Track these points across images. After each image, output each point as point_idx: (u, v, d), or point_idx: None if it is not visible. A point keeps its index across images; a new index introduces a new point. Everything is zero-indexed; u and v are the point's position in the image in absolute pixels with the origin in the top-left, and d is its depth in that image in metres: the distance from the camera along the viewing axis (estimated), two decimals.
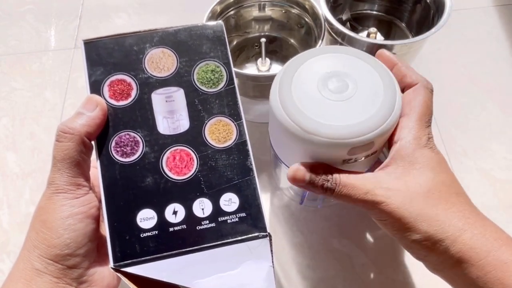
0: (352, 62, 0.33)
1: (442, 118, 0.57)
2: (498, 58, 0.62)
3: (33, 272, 0.25)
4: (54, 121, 0.58)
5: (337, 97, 0.31)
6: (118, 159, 0.27)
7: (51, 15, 0.69)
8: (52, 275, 0.26)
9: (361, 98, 0.30)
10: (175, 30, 0.30)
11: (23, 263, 0.26)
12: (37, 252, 0.26)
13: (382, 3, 0.54)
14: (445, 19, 0.43)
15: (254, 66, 0.56)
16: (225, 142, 0.28)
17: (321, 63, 0.33)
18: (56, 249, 0.26)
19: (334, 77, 0.32)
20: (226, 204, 0.27)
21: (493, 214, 0.51)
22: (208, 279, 0.25)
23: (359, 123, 0.29)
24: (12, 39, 0.67)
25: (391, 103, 0.30)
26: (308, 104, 0.30)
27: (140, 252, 0.25)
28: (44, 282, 0.25)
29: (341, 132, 0.29)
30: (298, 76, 0.32)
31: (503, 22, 0.65)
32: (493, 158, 0.53)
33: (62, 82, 0.61)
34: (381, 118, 0.30)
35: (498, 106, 0.57)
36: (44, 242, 0.26)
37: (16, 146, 0.56)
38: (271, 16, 0.55)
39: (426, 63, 0.61)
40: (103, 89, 0.28)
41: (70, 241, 0.26)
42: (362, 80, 0.31)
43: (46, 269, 0.26)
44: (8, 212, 0.51)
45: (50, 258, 0.26)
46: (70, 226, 0.26)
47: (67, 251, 0.26)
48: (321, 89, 0.31)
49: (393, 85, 0.31)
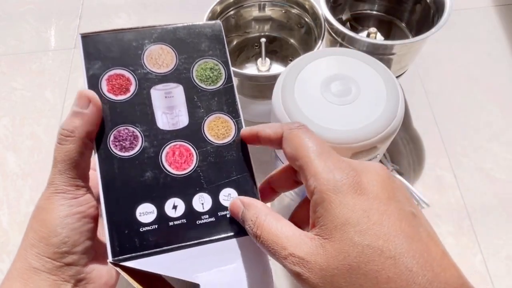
0: (355, 65, 0.33)
1: (442, 118, 0.57)
2: (498, 58, 0.62)
3: (31, 270, 0.26)
4: (54, 121, 0.58)
5: (340, 101, 0.30)
6: (117, 153, 0.27)
7: (51, 15, 0.69)
8: (49, 272, 0.26)
9: (364, 102, 0.30)
10: (174, 27, 0.30)
11: (20, 262, 0.26)
12: (34, 250, 0.26)
13: (382, 3, 0.54)
14: (445, 19, 0.43)
15: (254, 66, 0.56)
16: (224, 139, 0.29)
17: (324, 65, 0.33)
18: (54, 247, 0.26)
19: (337, 80, 0.31)
20: (225, 199, 0.27)
21: (493, 214, 0.51)
22: (208, 272, 0.25)
23: (362, 128, 0.29)
24: (12, 39, 0.67)
25: (394, 107, 0.30)
26: (311, 108, 0.30)
27: (140, 246, 0.25)
28: (42, 280, 0.26)
29: (344, 137, 0.29)
30: (301, 78, 0.32)
31: (503, 22, 0.65)
32: (493, 158, 0.53)
33: (62, 82, 0.61)
34: (385, 123, 0.29)
35: (498, 106, 0.57)
36: (42, 241, 0.26)
37: (16, 146, 0.56)
38: (271, 16, 0.55)
39: (426, 63, 0.61)
40: (101, 83, 0.28)
41: (68, 239, 0.26)
42: (365, 83, 0.31)
43: (44, 267, 0.26)
44: (8, 212, 0.51)
45: (48, 256, 0.26)
46: (68, 225, 0.26)
47: (64, 248, 0.26)
48: (324, 92, 0.31)
49: (396, 89, 0.31)
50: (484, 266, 0.46)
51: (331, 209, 0.21)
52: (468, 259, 0.47)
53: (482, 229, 0.48)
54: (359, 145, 0.29)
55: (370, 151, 0.30)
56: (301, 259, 0.21)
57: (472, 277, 0.47)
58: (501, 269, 0.46)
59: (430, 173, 0.52)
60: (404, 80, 0.58)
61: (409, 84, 0.59)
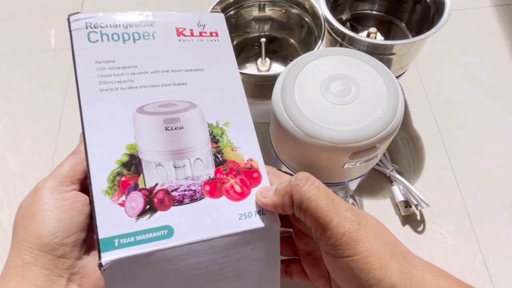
0: (355, 65, 0.32)
1: (442, 118, 0.57)
2: (498, 58, 0.62)
3: (24, 267, 0.26)
4: (54, 121, 0.58)
5: (339, 101, 0.30)
6: None
7: (51, 15, 0.69)
8: (42, 266, 0.26)
9: (364, 102, 0.30)
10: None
11: (13, 261, 0.26)
12: (26, 245, 0.26)
13: (382, 3, 0.54)
14: (445, 19, 0.43)
15: (254, 66, 0.56)
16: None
17: (324, 65, 0.33)
18: (44, 238, 0.26)
19: (337, 80, 0.31)
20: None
21: (493, 214, 0.51)
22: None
23: (361, 128, 0.29)
24: (12, 39, 0.66)
25: (394, 107, 0.30)
26: (311, 108, 0.30)
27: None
28: (36, 275, 0.26)
29: (344, 137, 0.29)
30: (300, 78, 0.32)
31: (503, 22, 0.65)
32: (493, 158, 0.53)
33: (62, 82, 0.61)
34: (384, 123, 0.29)
35: (498, 106, 0.57)
36: (33, 234, 0.26)
37: (16, 146, 0.56)
38: (271, 16, 0.55)
39: (426, 63, 0.61)
40: None
41: (57, 230, 0.26)
42: (365, 83, 0.31)
43: (37, 261, 0.26)
44: (8, 212, 0.51)
45: (39, 248, 0.26)
46: (56, 216, 0.27)
47: (55, 240, 0.26)
48: (324, 92, 0.31)
49: (396, 88, 0.31)
50: (484, 266, 0.46)
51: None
52: (468, 259, 0.47)
53: (482, 229, 0.48)
54: (359, 145, 0.29)
55: (370, 151, 0.30)
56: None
57: (472, 277, 0.47)
58: (501, 269, 0.46)
59: (430, 173, 0.52)
60: (404, 80, 0.58)
61: (409, 84, 0.59)
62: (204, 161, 0.27)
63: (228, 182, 0.26)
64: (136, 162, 0.26)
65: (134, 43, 0.29)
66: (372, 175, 0.52)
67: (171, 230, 0.24)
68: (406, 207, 0.49)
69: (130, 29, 0.29)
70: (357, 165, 0.32)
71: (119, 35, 0.29)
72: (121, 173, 0.25)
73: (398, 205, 0.49)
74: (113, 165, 0.25)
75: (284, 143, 0.33)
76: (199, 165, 0.27)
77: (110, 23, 0.29)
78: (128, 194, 0.25)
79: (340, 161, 0.31)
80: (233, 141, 0.28)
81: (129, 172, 0.25)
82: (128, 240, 0.23)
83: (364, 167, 0.34)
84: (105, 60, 0.28)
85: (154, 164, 0.26)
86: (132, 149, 0.26)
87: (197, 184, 0.26)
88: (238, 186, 0.26)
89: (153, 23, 0.30)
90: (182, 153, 0.26)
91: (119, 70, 0.28)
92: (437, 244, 0.47)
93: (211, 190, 0.26)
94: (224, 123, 0.28)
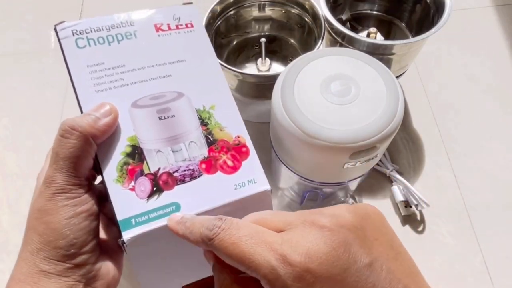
0: (355, 65, 0.32)
1: (442, 118, 0.57)
2: (498, 58, 0.62)
3: (40, 274, 0.25)
4: (54, 121, 0.58)
5: (339, 101, 0.30)
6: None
7: (51, 15, 0.69)
8: (60, 275, 0.25)
9: (364, 102, 0.30)
10: None
11: (27, 266, 0.25)
12: (42, 254, 0.25)
13: (382, 3, 0.54)
14: (445, 19, 0.43)
15: (254, 66, 0.56)
16: None
17: (324, 65, 0.33)
18: (62, 250, 0.25)
19: (337, 80, 0.31)
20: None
21: (493, 214, 0.51)
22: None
23: (361, 128, 0.29)
24: (12, 39, 0.66)
25: (394, 107, 0.30)
26: (311, 108, 0.30)
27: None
28: (53, 283, 0.25)
29: (344, 136, 0.29)
30: (300, 78, 0.32)
31: (503, 22, 0.65)
32: (493, 158, 0.53)
33: (62, 82, 0.61)
34: (384, 122, 0.29)
35: (498, 106, 0.57)
36: (50, 245, 0.25)
37: (16, 146, 0.56)
38: (271, 16, 0.55)
39: (426, 63, 0.61)
40: None
41: (75, 240, 0.26)
42: (365, 83, 0.31)
43: (54, 269, 0.25)
44: (8, 212, 0.51)
45: (57, 259, 0.25)
46: (74, 226, 0.26)
47: (73, 250, 0.26)
48: (324, 92, 0.31)
49: (395, 89, 0.31)
50: (484, 266, 0.46)
51: None
52: (468, 259, 0.47)
53: (482, 229, 0.48)
54: (359, 145, 0.29)
55: (370, 151, 0.30)
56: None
57: (472, 277, 0.47)
58: (501, 269, 0.46)
59: (430, 173, 0.52)
60: (404, 80, 0.58)
61: (409, 84, 0.59)
62: (197, 143, 0.29)
63: (221, 158, 0.29)
64: (138, 151, 0.28)
65: (119, 44, 0.31)
66: (372, 175, 0.52)
67: (178, 205, 0.27)
68: (406, 207, 0.49)
69: (113, 31, 0.32)
70: (357, 165, 0.32)
71: (104, 38, 0.31)
72: (127, 163, 0.28)
73: (398, 205, 0.49)
74: (119, 156, 0.28)
75: (284, 143, 0.33)
76: (193, 147, 0.29)
77: (94, 28, 0.31)
78: (136, 179, 0.28)
79: (340, 161, 0.31)
80: (221, 122, 0.30)
81: (134, 160, 0.28)
82: (143, 219, 0.27)
83: (364, 167, 0.34)
84: (95, 63, 0.30)
85: (155, 151, 0.29)
86: (133, 140, 0.29)
87: (194, 164, 0.29)
88: (230, 161, 0.29)
89: (133, 22, 0.32)
90: (177, 138, 0.29)
91: (110, 71, 0.30)
92: (437, 244, 0.47)
93: (207, 167, 0.29)
94: (210, 107, 0.31)
